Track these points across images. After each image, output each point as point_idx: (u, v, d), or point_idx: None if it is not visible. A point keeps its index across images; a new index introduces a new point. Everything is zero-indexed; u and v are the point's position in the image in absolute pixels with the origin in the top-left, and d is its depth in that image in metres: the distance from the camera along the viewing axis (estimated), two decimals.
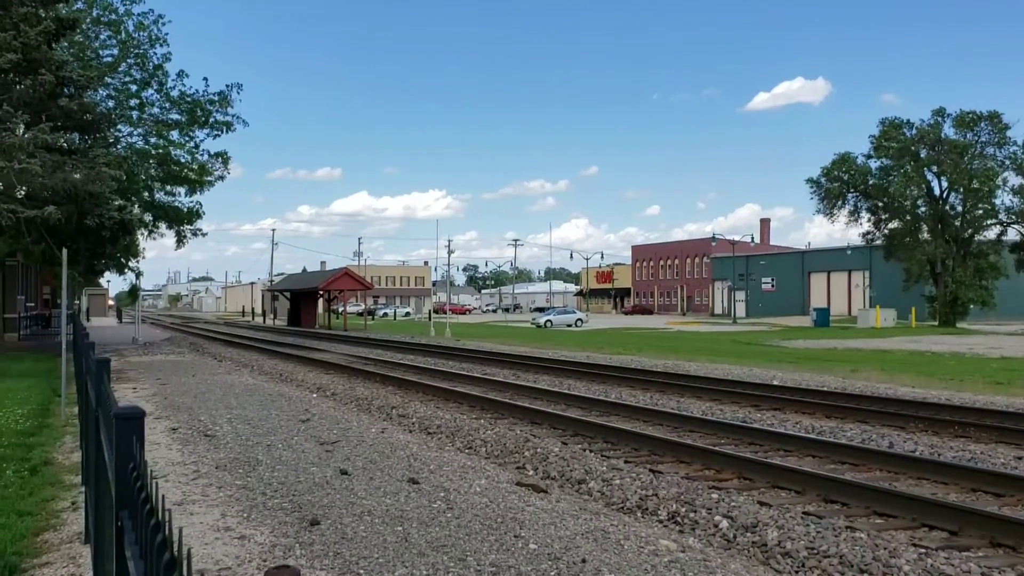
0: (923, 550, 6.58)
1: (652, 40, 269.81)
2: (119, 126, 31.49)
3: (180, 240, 35.81)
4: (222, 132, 34.70)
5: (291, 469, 9.18)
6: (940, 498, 8.15)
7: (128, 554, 1.88)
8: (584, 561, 6.12)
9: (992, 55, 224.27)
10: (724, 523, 7.45)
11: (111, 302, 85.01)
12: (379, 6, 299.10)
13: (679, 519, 7.73)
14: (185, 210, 35.73)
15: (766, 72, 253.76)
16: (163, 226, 35.94)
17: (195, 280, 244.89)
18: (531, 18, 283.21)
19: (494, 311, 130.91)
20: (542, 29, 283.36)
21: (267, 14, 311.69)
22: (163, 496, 1.61)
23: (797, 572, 6.38)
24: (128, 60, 32.32)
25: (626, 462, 10.17)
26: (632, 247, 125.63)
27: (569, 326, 64.62)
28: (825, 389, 17.53)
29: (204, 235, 36.84)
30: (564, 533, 6.87)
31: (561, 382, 19.93)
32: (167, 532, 1.44)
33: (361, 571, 5.81)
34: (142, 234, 34.51)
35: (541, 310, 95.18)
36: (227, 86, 34.52)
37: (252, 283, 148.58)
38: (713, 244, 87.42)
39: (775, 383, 18.93)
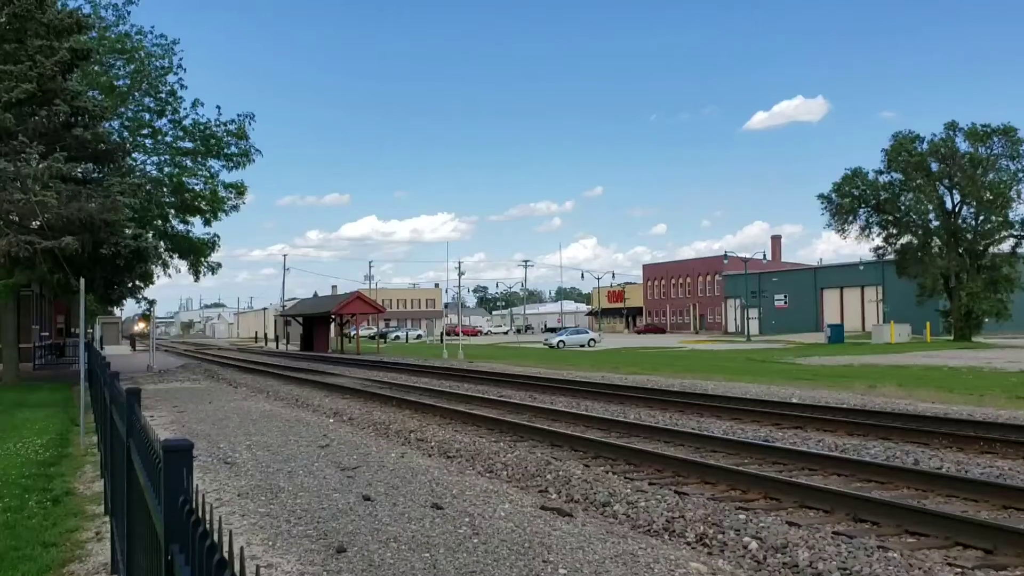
0: (959, 569, 6.48)
1: (648, 61, 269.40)
2: (134, 154, 31.73)
3: (196, 274, 35.91)
4: (240, 165, 34.90)
5: (313, 496, 9.13)
6: (973, 516, 8.02)
7: None
8: None
9: (992, 68, 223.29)
10: (753, 544, 7.35)
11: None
12: (385, 29, 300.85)
13: (707, 541, 7.63)
14: (199, 242, 35.84)
15: (763, 91, 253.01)
16: (176, 257, 36.05)
17: (207, 307, 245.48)
18: (527, 36, 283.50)
19: (505, 332, 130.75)
20: (537, 49, 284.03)
21: (274, 38, 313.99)
22: (230, 531, 1.58)
23: None
24: (141, 88, 32.62)
25: (650, 483, 10.07)
26: (643, 266, 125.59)
27: (582, 346, 64.44)
28: (845, 406, 17.38)
29: (218, 268, 36.99)
30: (593, 557, 6.79)
31: (578, 403, 19.83)
32: (237, 570, 1.41)
33: None
34: (160, 269, 34.60)
35: (553, 330, 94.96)
36: (238, 115, 34.81)
37: (264, 309, 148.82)
38: (725, 262, 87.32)
39: (794, 401, 18.78)
